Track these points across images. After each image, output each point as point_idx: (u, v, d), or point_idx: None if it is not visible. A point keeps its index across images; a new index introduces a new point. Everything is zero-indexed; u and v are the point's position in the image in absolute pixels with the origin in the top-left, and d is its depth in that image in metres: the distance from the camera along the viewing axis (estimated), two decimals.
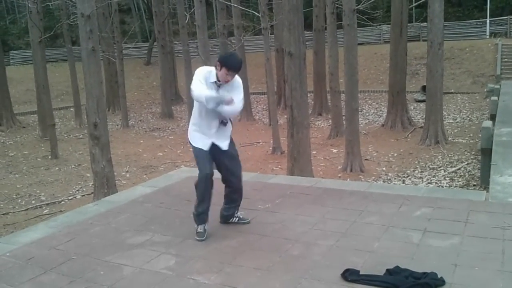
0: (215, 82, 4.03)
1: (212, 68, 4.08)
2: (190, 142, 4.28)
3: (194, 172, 6.49)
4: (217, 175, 4.21)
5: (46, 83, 14.88)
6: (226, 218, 4.44)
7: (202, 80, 4.00)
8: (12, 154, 14.87)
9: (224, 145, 4.20)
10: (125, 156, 13.75)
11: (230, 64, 3.93)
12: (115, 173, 9.18)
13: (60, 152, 14.25)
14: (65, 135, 17.81)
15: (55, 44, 34.50)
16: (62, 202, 9.67)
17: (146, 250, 3.93)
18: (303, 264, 3.50)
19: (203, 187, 4.15)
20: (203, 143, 4.16)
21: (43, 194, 10.34)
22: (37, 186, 11.03)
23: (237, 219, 4.44)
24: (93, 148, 7.95)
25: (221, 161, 4.24)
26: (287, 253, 3.72)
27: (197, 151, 4.19)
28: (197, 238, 4.11)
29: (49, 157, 13.91)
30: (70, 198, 9.93)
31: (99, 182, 8.00)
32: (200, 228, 4.16)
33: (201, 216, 4.19)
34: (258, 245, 3.92)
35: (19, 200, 10.00)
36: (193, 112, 4.28)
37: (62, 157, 13.94)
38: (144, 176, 11.30)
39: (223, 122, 4.17)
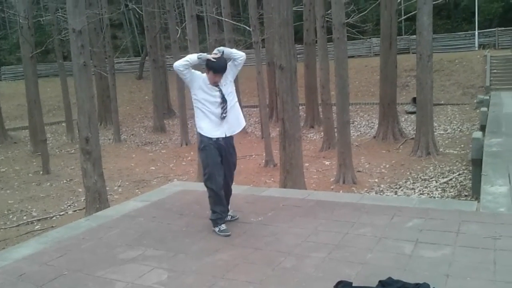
0: (212, 85, 4.40)
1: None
2: (201, 137, 4.45)
3: (187, 186, 6.50)
4: None
5: (38, 98, 14.85)
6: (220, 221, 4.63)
7: (199, 78, 4.40)
8: (4, 169, 14.76)
9: (238, 128, 4.59)
10: (117, 170, 13.69)
11: (215, 67, 4.34)
12: (107, 188, 9.14)
13: (52, 167, 14.17)
14: (57, 150, 17.72)
15: (47, 59, 34.48)
16: (54, 218, 9.60)
17: (138, 265, 3.90)
18: (296, 277, 3.49)
19: (217, 198, 4.51)
20: (219, 131, 4.43)
21: (34, 209, 10.26)
22: (29, 201, 10.94)
23: (230, 217, 4.72)
24: (84, 163, 7.92)
25: (224, 166, 4.56)
26: (280, 266, 3.72)
27: (209, 156, 4.42)
28: (224, 234, 4.39)
29: (41, 172, 13.83)
30: (61, 213, 9.86)
31: (91, 197, 7.96)
32: (223, 226, 4.46)
33: (220, 218, 4.51)
34: (250, 258, 3.91)
35: (11, 216, 9.91)
36: (196, 115, 4.51)
37: (54, 172, 13.86)
38: (137, 190, 11.25)
39: (225, 106, 4.43)
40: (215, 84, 4.40)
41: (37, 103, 14.74)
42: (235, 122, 4.57)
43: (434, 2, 12.82)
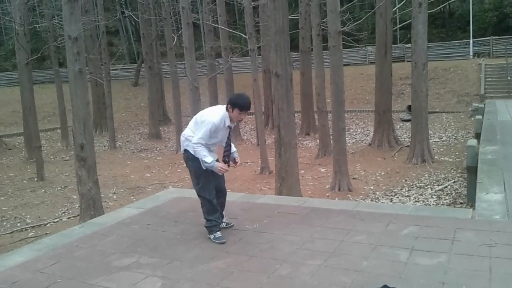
0: (229, 126, 4.37)
1: (223, 110, 4.33)
2: (190, 159, 4.44)
3: (182, 193, 6.48)
4: None
5: (33, 105, 14.80)
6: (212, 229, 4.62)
7: (216, 130, 4.30)
8: None
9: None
10: (112, 177, 13.64)
11: (242, 105, 4.25)
12: (102, 195, 9.09)
13: (46, 174, 14.10)
14: (52, 157, 17.65)
15: (42, 66, 34.43)
16: (48, 225, 9.53)
17: (133, 273, 3.88)
18: (292, 285, 3.48)
19: (211, 208, 4.50)
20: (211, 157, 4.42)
21: (28, 216, 10.19)
22: (23, 208, 10.87)
23: (225, 224, 4.75)
24: (79, 170, 7.87)
25: (217, 178, 4.57)
26: (275, 273, 3.70)
27: (201, 170, 4.38)
28: (219, 241, 4.40)
29: (35, 179, 13.76)
30: (56, 220, 9.79)
31: (85, 204, 7.90)
32: (218, 233, 4.47)
33: (215, 225, 4.51)
34: (246, 266, 3.89)
35: (4, 223, 9.84)
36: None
37: (48, 179, 13.79)
38: (132, 197, 11.20)
39: (225, 160, 4.54)
40: (238, 121, 4.43)
41: (32, 109, 14.69)
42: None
43: (429, 11, 12.89)
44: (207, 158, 4.30)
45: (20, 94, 16.99)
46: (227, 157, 4.50)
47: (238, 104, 4.24)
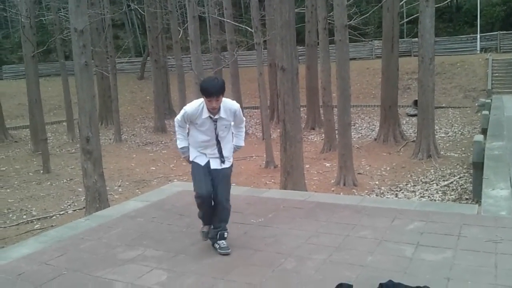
0: (209, 117, 3.87)
1: (199, 103, 3.89)
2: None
3: (187, 187, 6.49)
4: None
5: (39, 98, 14.85)
6: (211, 240, 4.22)
7: (186, 120, 3.94)
8: (4, 168, 14.75)
9: (217, 163, 4.05)
10: (117, 170, 13.68)
11: (204, 89, 3.73)
12: (108, 188, 9.13)
13: (52, 166, 14.16)
14: (57, 150, 17.72)
15: (48, 59, 34.51)
16: (54, 217, 9.58)
17: (138, 265, 3.89)
18: (296, 279, 3.48)
19: (200, 209, 4.14)
20: (200, 159, 4.05)
21: (34, 209, 10.25)
22: (29, 200, 10.93)
23: (217, 246, 4.08)
24: (85, 163, 7.90)
25: (214, 178, 4.05)
26: (280, 267, 3.70)
27: (194, 166, 4.04)
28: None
29: (41, 171, 13.81)
30: (61, 213, 9.84)
31: (91, 196, 7.94)
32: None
33: (203, 219, 4.19)
34: (251, 260, 3.89)
35: (10, 215, 9.89)
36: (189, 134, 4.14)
37: (54, 172, 13.85)
38: (137, 190, 11.23)
39: (218, 143, 4.01)
40: (211, 109, 3.83)
41: (38, 102, 14.74)
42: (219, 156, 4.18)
43: (436, 5, 12.80)
44: (179, 142, 4.08)
45: (26, 86, 17.09)
46: (221, 154, 4.03)
47: (202, 89, 3.74)
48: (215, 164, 4.03)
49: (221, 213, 4.10)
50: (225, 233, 4.12)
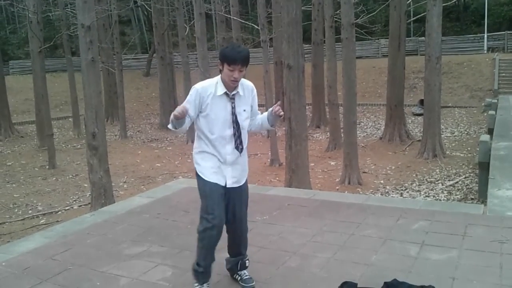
0: (226, 93, 3.17)
1: (213, 80, 3.24)
2: (198, 174, 3.27)
3: (192, 183, 6.50)
4: None
5: (45, 93, 14.91)
6: (229, 271, 3.55)
7: (202, 100, 3.17)
8: (10, 163, 14.83)
9: (239, 180, 3.29)
10: (123, 166, 13.72)
11: (229, 56, 3.06)
12: (113, 184, 9.16)
13: (58, 162, 14.22)
14: (63, 145, 17.79)
15: (55, 54, 34.62)
16: (59, 212, 9.63)
17: (143, 261, 3.91)
18: (301, 277, 3.49)
19: (208, 241, 3.21)
20: (217, 177, 3.20)
21: (40, 204, 10.30)
22: (34, 195, 10.98)
23: (239, 278, 3.43)
24: (91, 158, 7.93)
25: (230, 195, 3.27)
26: (284, 265, 3.71)
27: (207, 186, 3.19)
28: None
29: (47, 167, 13.88)
30: (67, 208, 9.89)
31: (97, 192, 7.97)
32: (205, 287, 3.28)
33: (202, 274, 3.29)
34: (255, 257, 3.90)
35: (16, 210, 9.95)
36: (196, 138, 3.39)
37: (60, 167, 13.91)
38: (142, 186, 11.26)
39: (238, 147, 3.24)
40: (231, 81, 3.14)
41: (44, 97, 14.80)
42: (239, 168, 3.39)
43: (443, 4, 12.74)
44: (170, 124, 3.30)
45: (32, 82, 17.14)
46: (239, 144, 3.23)
47: (225, 55, 3.06)
48: (232, 181, 3.25)
49: (241, 236, 3.39)
50: (247, 262, 3.43)
